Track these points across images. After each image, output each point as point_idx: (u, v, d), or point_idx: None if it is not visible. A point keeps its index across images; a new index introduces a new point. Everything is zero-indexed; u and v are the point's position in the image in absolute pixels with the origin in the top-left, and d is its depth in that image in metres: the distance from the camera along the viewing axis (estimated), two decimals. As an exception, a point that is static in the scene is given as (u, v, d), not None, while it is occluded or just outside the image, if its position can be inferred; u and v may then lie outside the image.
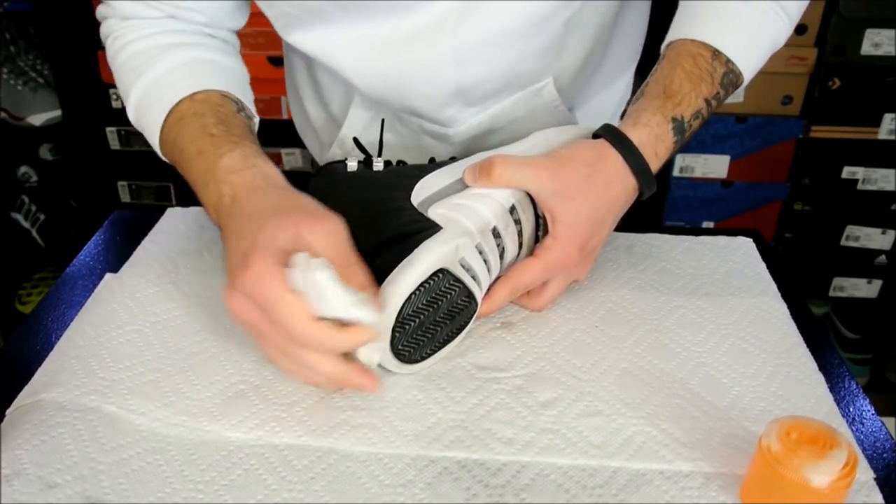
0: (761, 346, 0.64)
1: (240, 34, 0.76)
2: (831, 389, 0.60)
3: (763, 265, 0.74)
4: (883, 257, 1.75)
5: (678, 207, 1.72)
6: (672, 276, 0.72)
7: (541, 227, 0.65)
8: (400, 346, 0.57)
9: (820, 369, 0.61)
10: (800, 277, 1.78)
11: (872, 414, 0.59)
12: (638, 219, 0.72)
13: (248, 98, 0.69)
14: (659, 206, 1.72)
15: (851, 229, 1.73)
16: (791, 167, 1.67)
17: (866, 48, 1.55)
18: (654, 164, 0.64)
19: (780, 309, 0.68)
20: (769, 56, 0.70)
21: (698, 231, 0.80)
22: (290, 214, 0.53)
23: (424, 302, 0.56)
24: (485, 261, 0.60)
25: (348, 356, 0.54)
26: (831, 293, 1.80)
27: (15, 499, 0.49)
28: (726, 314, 0.67)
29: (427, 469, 0.52)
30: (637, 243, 0.77)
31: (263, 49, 1.57)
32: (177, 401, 0.57)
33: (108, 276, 0.71)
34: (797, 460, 0.46)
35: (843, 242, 1.74)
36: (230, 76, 0.69)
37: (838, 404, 0.58)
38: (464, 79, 0.72)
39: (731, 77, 0.67)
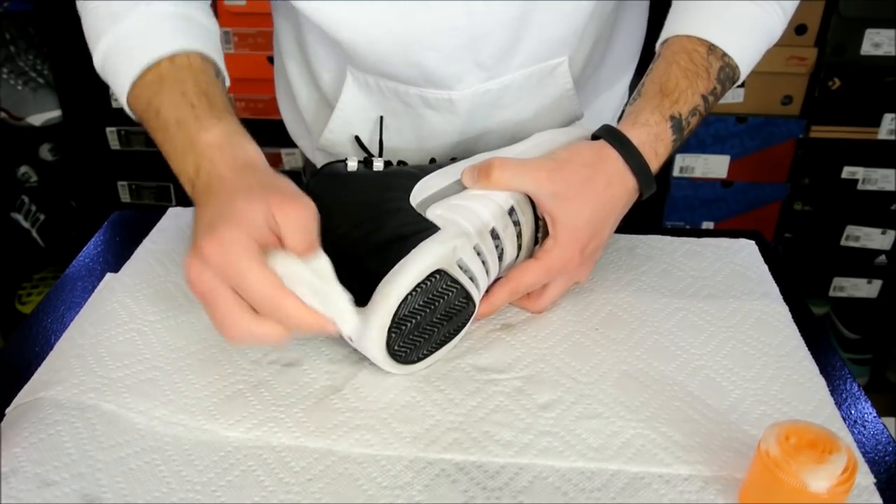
0: (762, 349, 0.63)
1: (240, 34, 0.76)
2: (832, 391, 0.59)
3: (765, 268, 0.74)
4: (883, 257, 1.75)
5: (678, 207, 1.72)
6: (673, 278, 0.72)
7: (540, 229, 0.65)
8: (396, 347, 0.57)
9: (821, 371, 0.61)
10: (800, 277, 1.78)
11: (874, 416, 0.58)
12: (638, 219, 0.72)
13: (220, 58, 0.68)
14: (659, 207, 1.72)
15: (851, 229, 1.73)
16: (791, 167, 1.67)
17: (866, 48, 1.55)
18: (654, 164, 0.64)
19: (781, 312, 0.68)
20: (765, 50, 0.70)
21: (700, 233, 0.80)
22: (263, 193, 0.53)
23: (421, 303, 0.56)
24: (483, 262, 0.60)
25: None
26: (831, 293, 1.80)
27: (12, 496, 0.49)
28: (727, 317, 0.67)
29: (425, 471, 0.52)
30: (638, 245, 0.77)
31: (263, 49, 1.57)
32: (175, 399, 0.57)
33: (108, 275, 0.71)
34: (796, 465, 0.46)
35: (843, 242, 1.74)
36: (207, 36, 0.67)
37: (839, 406, 0.58)
38: (475, 26, 0.68)
39: (728, 72, 0.67)
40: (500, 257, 0.62)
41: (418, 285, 0.56)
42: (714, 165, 1.67)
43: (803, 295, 0.75)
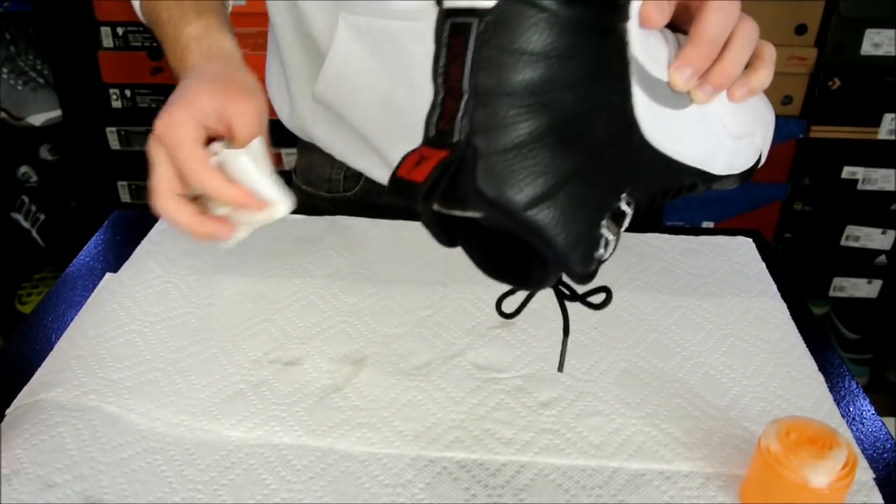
0: (761, 345, 0.64)
1: (240, 34, 0.76)
2: (831, 389, 0.60)
3: (763, 265, 0.74)
4: (883, 257, 1.75)
5: (678, 207, 1.72)
6: (672, 276, 0.72)
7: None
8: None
9: (820, 369, 0.61)
10: (800, 277, 1.78)
11: (872, 414, 0.58)
12: (637, 218, 0.72)
13: None
14: (659, 206, 1.72)
15: (851, 229, 1.73)
16: (791, 167, 1.67)
17: (866, 48, 1.55)
18: None
19: (779, 309, 0.68)
20: None
21: (698, 231, 0.80)
22: (221, 84, 0.57)
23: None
24: None
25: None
26: (831, 293, 1.80)
27: (14, 498, 0.49)
28: (726, 314, 0.67)
29: (426, 469, 0.52)
30: (637, 243, 0.77)
31: (263, 49, 1.57)
32: (176, 400, 0.57)
33: (107, 275, 0.71)
34: (796, 460, 0.46)
35: (843, 242, 1.74)
36: None
37: (838, 404, 0.58)
38: None
39: None
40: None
41: None
42: (714, 165, 1.67)
43: (803, 295, 0.75)
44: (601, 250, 0.41)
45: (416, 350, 0.62)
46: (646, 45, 0.41)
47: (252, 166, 0.55)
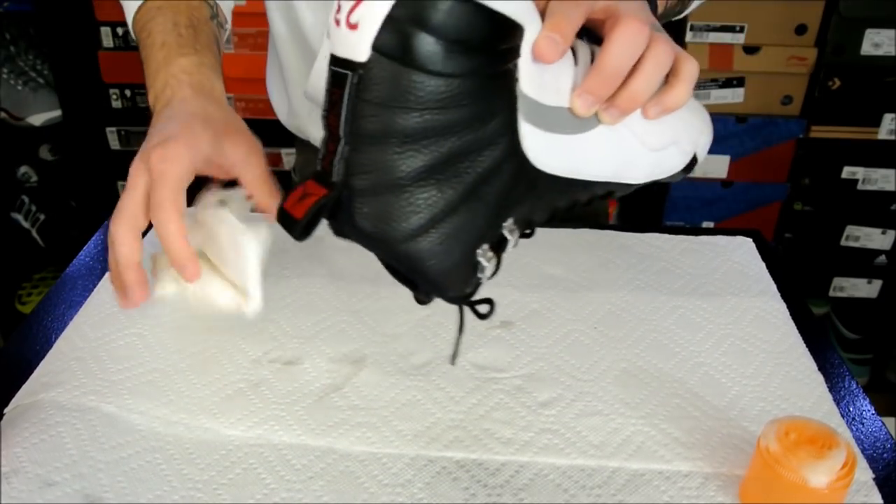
0: (760, 345, 0.64)
1: (240, 34, 0.76)
2: (831, 389, 0.60)
3: (762, 265, 0.74)
4: (883, 257, 1.75)
5: (678, 207, 1.72)
6: (671, 276, 0.72)
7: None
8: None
9: (820, 369, 0.61)
10: (800, 277, 1.78)
11: (872, 414, 0.58)
12: (638, 218, 0.72)
13: (226, 5, 0.71)
14: (659, 206, 1.72)
15: (851, 229, 1.73)
16: (791, 167, 1.67)
17: (866, 48, 1.55)
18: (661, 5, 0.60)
19: (779, 309, 0.68)
20: None
21: (698, 231, 0.80)
22: (218, 123, 0.56)
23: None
24: None
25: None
26: (831, 293, 1.80)
27: (14, 496, 0.49)
28: (726, 314, 0.67)
29: (426, 469, 0.52)
30: (637, 243, 0.77)
31: (263, 49, 1.57)
32: (176, 400, 0.57)
33: (107, 275, 0.71)
34: (796, 460, 0.46)
35: (843, 242, 1.74)
36: None
37: (838, 404, 0.58)
38: None
39: None
40: None
41: None
42: (714, 165, 1.67)
43: (803, 295, 0.75)
44: (478, 275, 0.43)
45: (415, 350, 0.62)
46: (540, 79, 0.41)
47: (252, 247, 0.52)
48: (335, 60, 0.39)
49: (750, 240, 0.78)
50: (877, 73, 1.57)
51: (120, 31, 1.70)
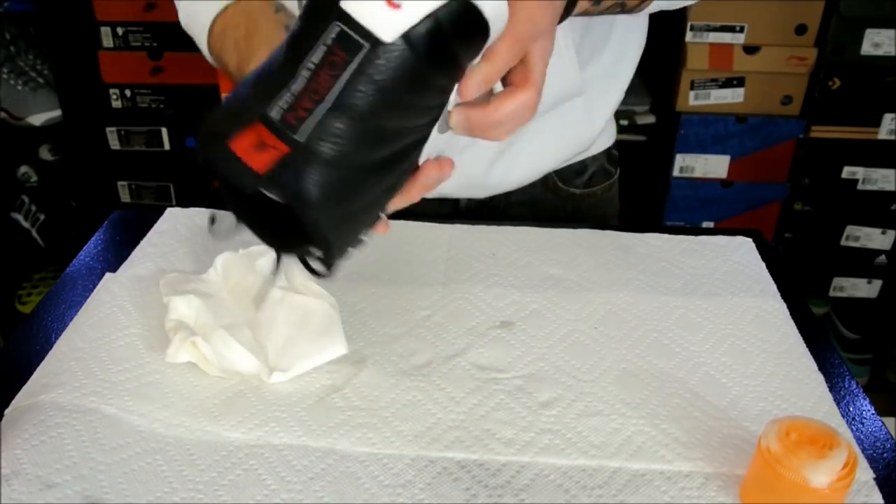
0: (761, 345, 0.64)
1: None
2: (831, 389, 0.60)
3: (763, 265, 0.74)
4: (883, 257, 1.75)
5: (678, 207, 1.72)
6: (672, 276, 0.72)
7: None
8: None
9: (820, 369, 0.61)
10: (800, 277, 1.78)
11: (872, 413, 0.58)
12: (638, 219, 0.72)
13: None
14: (659, 206, 1.72)
15: (851, 229, 1.73)
16: (791, 167, 1.67)
17: (866, 48, 1.55)
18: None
19: (779, 309, 0.68)
20: None
21: (698, 231, 0.80)
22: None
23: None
24: None
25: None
26: (831, 293, 1.80)
27: (14, 498, 0.49)
28: (726, 314, 0.67)
29: (426, 469, 0.52)
30: (637, 243, 0.77)
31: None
32: (176, 402, 0.57)
33: (107, 276, 0.71)
34: (797, 460, 0.46)
35: (843, 242, 1.74)
36: None
37: (838, 404, 0.58)
38: None
39: None
40: None
41: None
42: (714, 165, 1.67)
43: (803, 295, 0.75)
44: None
45: (416, 350, 0.62)
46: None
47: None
48: (347, 19, 0.38)
49: (750, 240, 0.78)
50: (877, 73, 1.57)
51: (120, 31, 1.70)
